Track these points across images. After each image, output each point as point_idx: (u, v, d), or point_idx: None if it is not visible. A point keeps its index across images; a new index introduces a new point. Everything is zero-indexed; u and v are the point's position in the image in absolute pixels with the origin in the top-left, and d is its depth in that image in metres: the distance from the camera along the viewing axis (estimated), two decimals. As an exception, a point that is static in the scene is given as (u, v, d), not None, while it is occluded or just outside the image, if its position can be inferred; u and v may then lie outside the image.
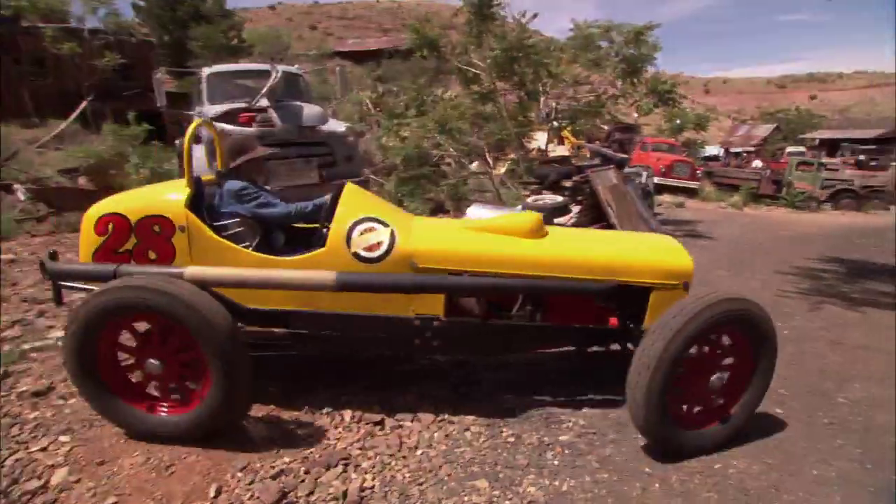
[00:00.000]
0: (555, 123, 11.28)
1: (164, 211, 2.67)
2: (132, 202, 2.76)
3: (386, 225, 2.77)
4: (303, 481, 2.37)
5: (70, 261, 2.90)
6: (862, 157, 25.53)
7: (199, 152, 5.96)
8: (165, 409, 2.56)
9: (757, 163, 22.59)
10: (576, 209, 6.98)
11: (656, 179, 13.65)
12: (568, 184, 7.33)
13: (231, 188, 2.90)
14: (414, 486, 2.40)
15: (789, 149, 29.60)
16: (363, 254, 2.70)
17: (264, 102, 6.18)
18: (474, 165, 9.51)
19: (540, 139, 11.20)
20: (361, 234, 2.71)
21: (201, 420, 2.45)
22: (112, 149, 8.16)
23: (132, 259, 2.67)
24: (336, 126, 6.58)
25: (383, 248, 2.71)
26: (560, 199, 6.98)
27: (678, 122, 17.16)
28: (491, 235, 2.91)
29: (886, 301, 5.63)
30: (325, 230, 2.84)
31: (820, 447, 2.83)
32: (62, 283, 2.76)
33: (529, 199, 7.15)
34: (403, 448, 2.65)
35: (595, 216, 7.39)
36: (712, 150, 28.61)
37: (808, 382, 3.61)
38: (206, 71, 7.00)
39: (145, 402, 2.56)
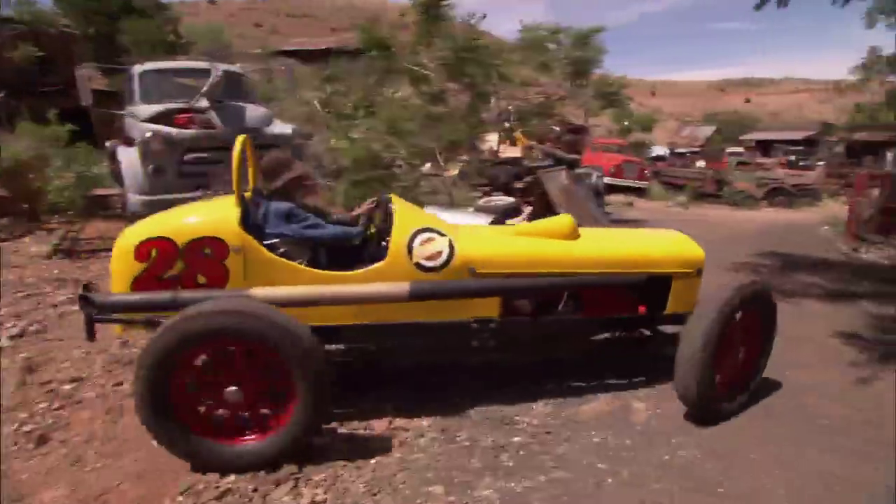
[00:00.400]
0: (506, 124, 11.50)
1: (216, 232, 2.55)
2: (177, 224, 2.62)
3: (443, 234, 2.92)
4: (250, 500, 2.29)
5: (110, 293, 2.61)
6: (793, 157, 27.53)
7: (132, 156, 5.67)
8: (245, 438, 2.43)
9: (700, 163, 23.89)
10: (527, 210, 7.13)
11: (606, 179, 14.10)
12: (519, 185, 7.48)
13: (279, 209, 2.86)
14: (368, 496, 2.37)
15: (729, 149, 31.50)
16: (425, 263, 2.81)
17: (204, 103, 5.95)
18: (426, 167, 9.53)
19: (492, 140, 11.38)
20: (422, 244, 2.83)
21: (284, 444, 2.39)
22: (29, 150, 7.55)
23: (180, 285, 2.53)
24: (282, 128, 6.43)
25: (444, 256, 2.85)
26: (511, 199, 7.10)
27: (626, 123, 17.81)
28: (534, 239, 3.18)
29: (816, 292, 6.08)
30: (383, 244, 2.93)
31: (758, 433, 3.01)
32: (102, 316, 2.52)
33: (481, 201, 7.23)
34: (356, 458, 2.61)
35: (546, 216, 7.58)
36: (659, 150, 29.99)
37: (747, 372, 3.83)
38: (138, 68, 6.66)
39: (221, 433, 2.40)
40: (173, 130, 5.72)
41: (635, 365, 3.76)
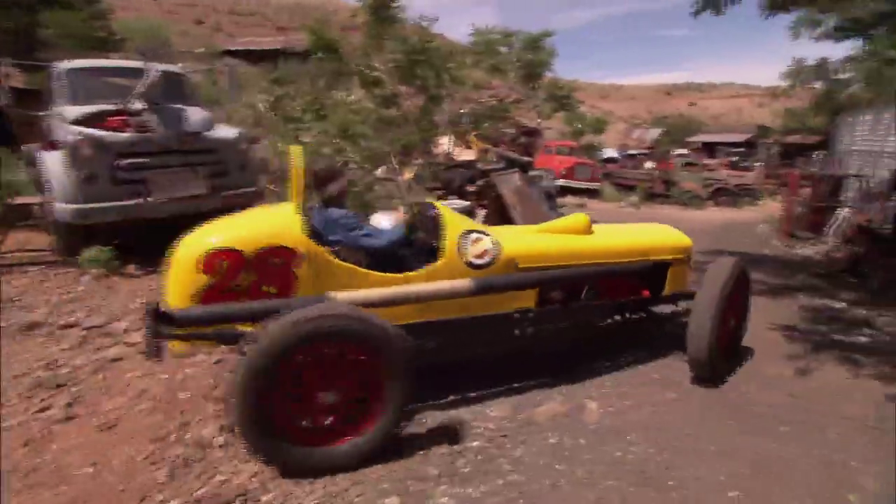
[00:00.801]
0: (463, 126, 11.62)
1: (284, 240, 2.63)
2: (243, 234, 2.64)
3: (487, 234, 3.31)
4: (195, 524, 2.21)
5: (189, 306, 2.54)
6: (734, 158, 29.18)
7: (58, 161, 5.34)
8: (336, 440, 2.53)
9: (649, 164, 24.93)
10: (481, 213, 7.22)
11: (559, 181, 14.52)
12: (473, 188, 7.56)
13: (336, 217, 3.04)
14: (321, 513, 2.34)
15: (676, 151, 33.02)
16: (475, 261, 3.16)
17: (139, 105, 5.68)
18: (380, 171, 9.49)
19: (446, 143, 11.46)
20: (472, 244, 3.18)
21: (373, 444, 2.54)
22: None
23: (247, 296, 2.57)
24: (225, 132, 6.21)
25: (491, 254, 3.22)
26: (465, 203, 7.19)
27: (578, 125, 18.32)
28: (558, 235, 3.63)
29: (756, 287, 6.41)
30: (434, 245, 3.21)
31: (702, 424, 3.19)
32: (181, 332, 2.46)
33: (436, 205, 7.27)
34: (307, 474, 2.57)
35: (500, 219, 7.70)
36: (610, 152, 31.05)
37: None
38: (65, 65, 6.28)
39: (314, 435, 2.48)
40: (105, 134, 5.42)
41: (589, 365, 3.89)
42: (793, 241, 9.97)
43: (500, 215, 7.74)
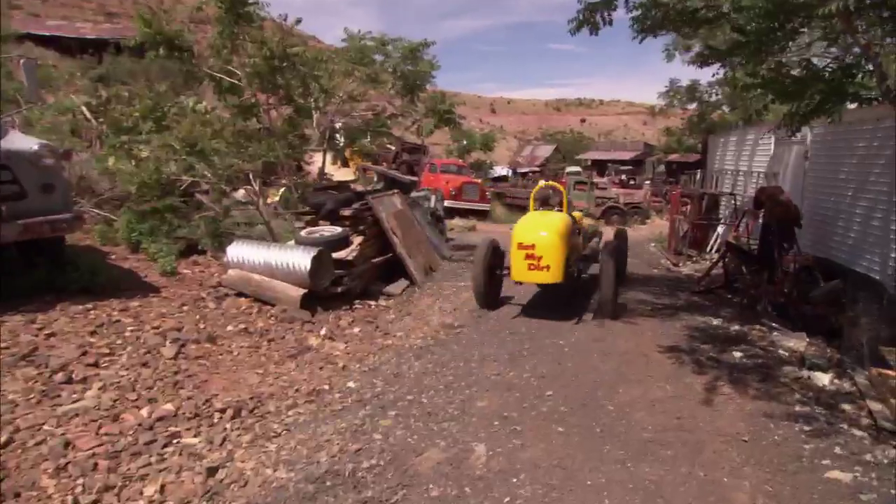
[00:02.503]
0: (337, 142, 11.58)
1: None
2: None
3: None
4: None
5: None
6: (623, 176, 32.42)
7: None
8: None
9: (541, 182, 26.76)
10: (357, 240, 7.22)
11: (446, 203, 15.05)
12: (347, 212, 7.54)
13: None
14: None
15: (568, 168, 35.88)
16: None
17: None
18: (239, 194, 9.11)
19: (319, 161, 11.34)
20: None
21: None
22: None
23: None
24: (21, 142, 5.41)
25: None
26: (339, 230, 7.13)
27: (465, 142, 19.15)
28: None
29: (642, 308, 7.23)
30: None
31: (593, 456, 3.46)
32: None
33: (303, 232, 7.13)
34: None
35: (380, 247, 7.77)
36: (501, 170, 32.91)
37: (583, 395, 4.41)
38: None
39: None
40: None
41: (473, 403, 4.05)
42: (680, 258, 11.27)
43: (380, 242, 7.81)
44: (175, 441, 3.40)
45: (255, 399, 4.03)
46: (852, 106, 5.77)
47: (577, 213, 7.70)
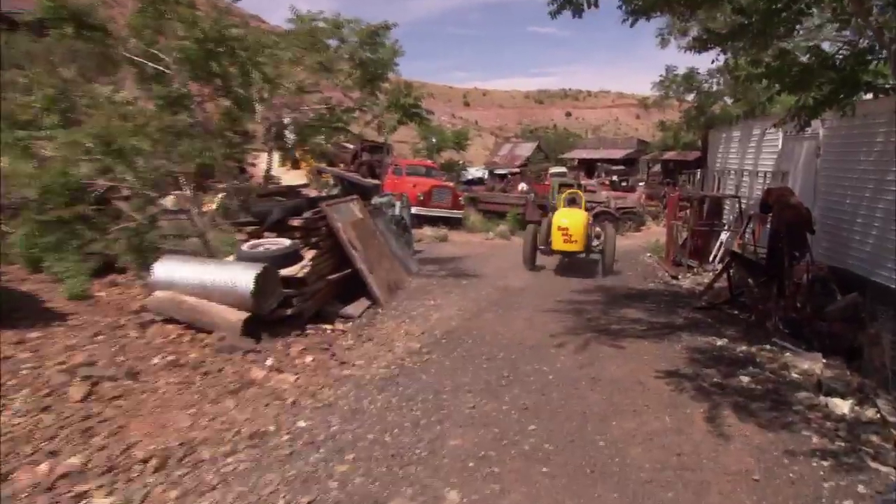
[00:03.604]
0: (285, 141, 11.46)
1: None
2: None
3: None
4: None
5: None
6: (615, 177, 33.02)
7: None
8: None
9: (522, 185, 27.03)
10: (310, 255, 7.13)
11: (413, 209, 15.05)
12: (298, 222, 7.45)
13: None
14: None
15: (552, 169, 36.35)
16: None
17: None
18: (168, 201, 8.94)
19: (265, 162, 11.22)
20: None
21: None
22: None
23: None
24: None
25: None
26: (287, 242, 7.04)
27: (434, 140, 19.24)
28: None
29: (636, 328, 7.32)
30: None
31: (583, 502, 3.46)
32: None
33: (245, 246, 7.01)
34: None
35: (336, 262, 7.70)
36: (476, 172, 33.10)
37: (570, 430, 4.42)
38: None
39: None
40: None
41: (445, 441, 4.00)
42: (679, 269, 11.47)
43: (336, 256, 7.73)
44: (82, 503, 3.26)
45: (186, 445, 3.90)
46: (867, 96, 5.95)
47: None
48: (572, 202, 12.67)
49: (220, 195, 10.01)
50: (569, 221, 11.08)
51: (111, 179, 7.26)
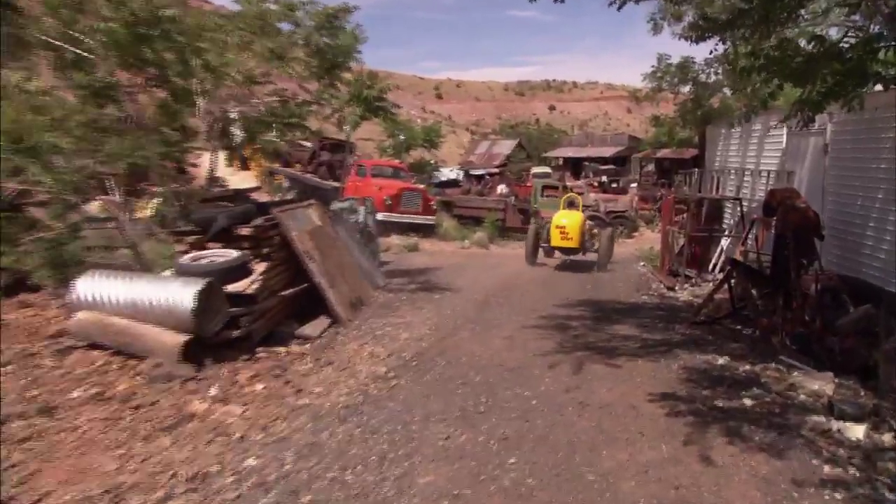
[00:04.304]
0: (232, 138, 11.37)
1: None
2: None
3: None
4: None
5: None
6: (604, 178, 33.43)
7: None
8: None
9: (502, 188, 27.23)
10: (261, 268, 7.07)
11: (379, 216, 15.01)
12: (247, 230, 7.38)
13: None
14: None
15: (534, 169, 36.68)
16: None
17: None
18: (93, 207, 8.79)
19: (209, 163, 11.10)
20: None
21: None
22: None
23: None
24: None
25: None
26: (235, 254, 6.96)
27: (402, 137, 19.27)
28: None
29: (628, 346, 7.36)
30: None
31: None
32: None
33: (185, 258, 6.92)
34: None
35: (291, 275, 7.63)
36: (450, 173, 33.21)
37: (556, 462, 4.41)
38: None
39: None
40: None
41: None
42: (675, 280, 11.59)
43: (291, 268, 7.66)
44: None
45: (111, 493, 3.80)
46: (877, 88, 6.05)
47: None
48: (571, 205, 15.15)
49: (155, 200, 9.90)
50: (566, 221, 13.53)
51: (23, 182, 7.12)
